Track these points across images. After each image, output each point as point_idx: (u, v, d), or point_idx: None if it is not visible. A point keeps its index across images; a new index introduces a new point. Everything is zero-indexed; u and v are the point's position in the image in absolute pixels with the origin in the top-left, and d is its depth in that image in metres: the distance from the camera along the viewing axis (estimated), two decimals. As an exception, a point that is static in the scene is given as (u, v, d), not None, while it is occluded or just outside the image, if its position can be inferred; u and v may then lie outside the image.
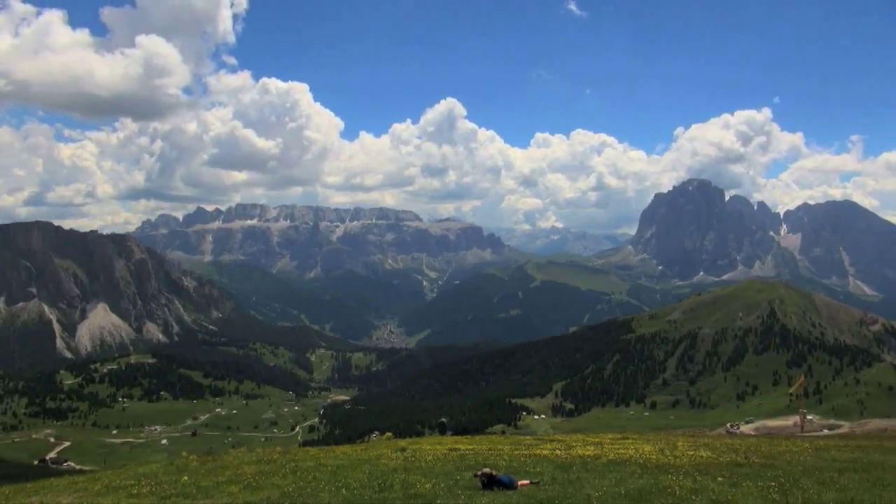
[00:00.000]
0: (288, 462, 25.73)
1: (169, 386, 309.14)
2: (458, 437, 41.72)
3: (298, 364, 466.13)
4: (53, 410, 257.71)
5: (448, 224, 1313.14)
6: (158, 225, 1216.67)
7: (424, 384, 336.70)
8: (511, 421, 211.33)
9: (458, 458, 26.31)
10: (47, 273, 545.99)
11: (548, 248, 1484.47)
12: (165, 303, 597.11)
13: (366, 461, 25.70)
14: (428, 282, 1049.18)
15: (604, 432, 43.45)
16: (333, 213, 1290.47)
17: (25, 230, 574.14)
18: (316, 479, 21.20)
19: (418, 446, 31.92)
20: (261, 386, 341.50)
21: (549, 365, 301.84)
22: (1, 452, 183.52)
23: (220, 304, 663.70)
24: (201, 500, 18.32)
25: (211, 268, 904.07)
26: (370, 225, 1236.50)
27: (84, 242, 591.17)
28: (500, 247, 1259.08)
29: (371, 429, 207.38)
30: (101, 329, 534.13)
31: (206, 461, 27.33)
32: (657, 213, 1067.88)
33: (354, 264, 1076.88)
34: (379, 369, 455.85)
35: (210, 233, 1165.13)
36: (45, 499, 19.76)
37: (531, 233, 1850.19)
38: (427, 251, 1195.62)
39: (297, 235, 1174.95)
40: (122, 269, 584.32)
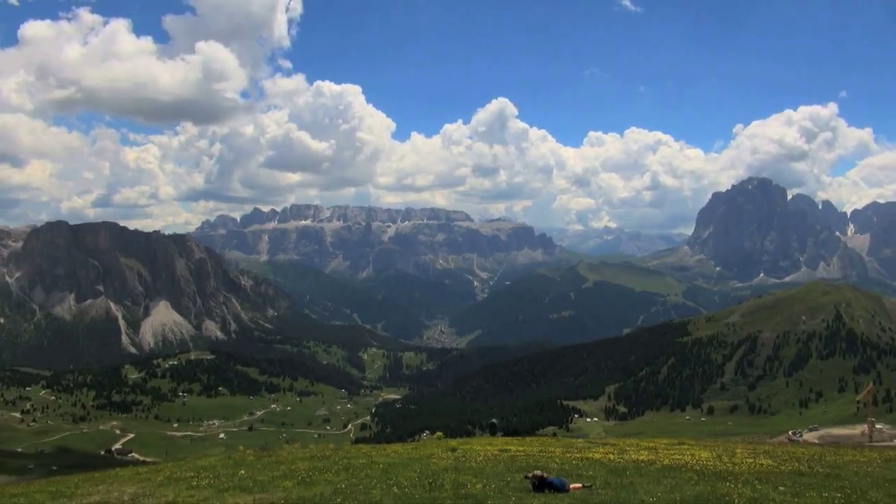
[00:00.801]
0: (340, 459, 26.11)
1: (226, 382, 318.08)
2: (509, 439, 41.50)
3: (351, 362, 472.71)
4: (119, 403, 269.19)
5: (499, 224, 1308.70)
6: (217, 225, 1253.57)
7: (475, 384, 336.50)
8: (562, 423, 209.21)
9: (508, 460, 26.18)
10: (114, 271, 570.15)
11: (601, 248, 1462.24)
12: (223, 301, 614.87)
13: (417, 460, 25.84)
14: (479, 282, 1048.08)
15: (658, 437, 42.47)
16: (385, 214, 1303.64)
17: (94, 230, 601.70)
18: (368, 476, 21.44)
19: (469, 446, 31.90)
20: (314, 383, 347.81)
21: (601, 367, 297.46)
22: (71, 442, 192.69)
23: (275, 302, 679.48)
24: (257, 493, 18.76)
25: (267, 267, 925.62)
26: (421, 225, 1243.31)
27: (147, 242, 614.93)
28: (551, 247, 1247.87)
29: (422, 428, 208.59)
30: (163, 326, 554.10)
31: (262, 456, 28.00)
32: (715, 212, 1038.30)
33: (406, 264, 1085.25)
34: (430, 369, 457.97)
35: (266, 233, 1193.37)
36: (111, 488, 20.58)
37: (583, 233, 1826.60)
38: (478, 251, 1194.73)
39: (349, 235, 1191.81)
40: (182, 268, 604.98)
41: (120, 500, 18.22)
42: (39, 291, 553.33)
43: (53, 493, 20.23)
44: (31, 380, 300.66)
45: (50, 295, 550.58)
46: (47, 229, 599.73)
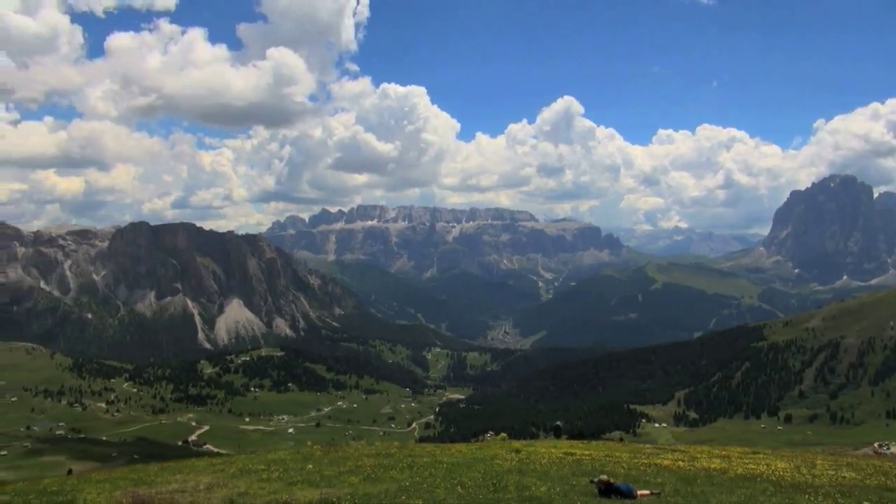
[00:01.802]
0: (405, 457, 26.34)
1: (295, 378, 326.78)
2: (574, 442, 40.86)
3: (415, 362, 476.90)
4: (195, 397, 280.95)
5: (564, 224, 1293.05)
6: (287, 226, 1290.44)
7: (539, 386, 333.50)
8: (629, 428, 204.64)
9: (573, 463, 25.78)
10: (190, 270, 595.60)
11: (670, 249, 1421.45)
12: (293, 300, 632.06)
13: (480, 460, 25.79)
14: (543, 283, 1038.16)
15: (731, 445, 40.90)
16: (449, 214, 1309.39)
17: (172, 231, 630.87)
18: (432, 475, 21.55)
19: (533, 448, 31.60)
20: (379, 382, 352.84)
21: (670, 371, 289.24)
22: (150, 433, 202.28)
23: (342, 301, 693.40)
24: (324, 488, 19.14)
25: (334, 267, 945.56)
26: (485, 225, 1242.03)
27: (222, 242, 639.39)
28: (618, 247, 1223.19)
29: (485, 428, 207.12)
30: (236, 323, 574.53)
31: (329, 451, 28.57)
32: (794, 211, 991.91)
33: (470, 264, 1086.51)
34: (493, 369, 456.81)
35: (333, 233, 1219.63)
36: (188, 477, 21.46)
37: (652, 233, 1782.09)
38: (543, 252, 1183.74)
39: (414, 236, 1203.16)
40: (254, 267, 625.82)
41: (196, 490, 18.96)
42: (123, 289, 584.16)
43: (135, 480, 21.27)
44: (115, 372, 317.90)
45: (132, 292, 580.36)
46: (130, 230, 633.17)
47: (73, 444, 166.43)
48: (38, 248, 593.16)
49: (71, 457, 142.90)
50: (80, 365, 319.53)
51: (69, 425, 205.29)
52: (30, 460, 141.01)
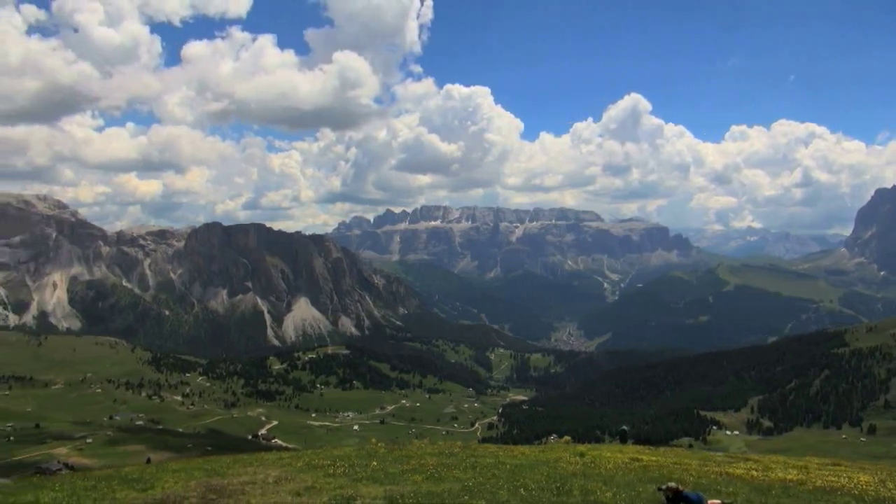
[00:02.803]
0: (468, 457, 26.35)
1: (360, 376, 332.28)
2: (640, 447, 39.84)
3: (478, 362, 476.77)
4: (264, 392, 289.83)
5: (631, 224, 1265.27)
6: (352, 226, 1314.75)
7: (604, 389, 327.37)
8: (699, 435, 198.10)
9: (640, 469, 25.15)
10: (260, 269, 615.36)
11: (743, 249, 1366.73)
12: (358, 299, 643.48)
13: (544, 463, 25.52)
14: (609, 284, 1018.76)
15: (809, 456, 38.97)
16: (513, 214, 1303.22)
17: (244, 231, 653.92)
18: (495, 476, 21.46)
19: (598, 453, 31.02)
20: (442, 381, 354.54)
21: (743, 377, 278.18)
22: (222, 426, 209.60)
23: (406, 301, 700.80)
24: (388, 485, 19.36)
25: (398, 266, 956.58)
26: (549, 226, 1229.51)
27: (290, 242, 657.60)
28: (687, 248, 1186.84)
29: (549, 431, 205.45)
30: (304, 321, 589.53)
31: (393, 449, 28.89)
32: (879, 210, 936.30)
33: (533, 265, 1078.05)
34: (557, 371, 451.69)
35: (397, 233, 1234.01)
36: (258, 470, 22.14)
37: (724, 233, 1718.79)
38: (608, 252, 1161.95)
39: (477, 236, 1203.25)
40: (321, 266, 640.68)
41: (265, 482, 19.53)
42: (198, 287, 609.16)
43: (208, 470, 22.09)
44: (190, 367, 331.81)
45: (206, 290, 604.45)
46: (204, 230, 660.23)
47: (151, 435, 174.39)
48: (121, 248, 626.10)
49: (149, 446, 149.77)
50: (158, 359, 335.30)
51: (148, 416, 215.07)
52: (112, 448, 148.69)
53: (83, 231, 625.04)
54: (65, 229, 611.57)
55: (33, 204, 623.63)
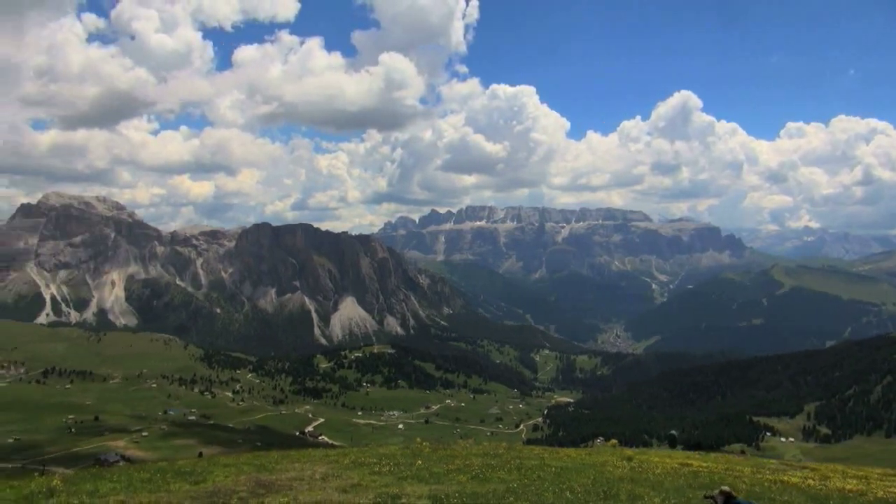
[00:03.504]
0: (513, 458, 26.21)
1: (405, 375, 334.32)
2: (690, 453, 38.92)
3: (523, 363, 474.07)
4: (311, 389, 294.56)
5: (681, 224, 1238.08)
6: (398, 226, 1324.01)
7: (652, 392, 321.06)
8: (752, 441, 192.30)
9: (690, 475, 24.57)
10: (308, 269, 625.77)
11: (799, 250, 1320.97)
12: (403, 298, 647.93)
13: (590, 466, 25.20)
14: (657, 285, 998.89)
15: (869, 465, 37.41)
16: (559, 214, 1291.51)
17: (292, 231, 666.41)
18: (540, 478, 21.28)
19: (646, 457, 30.47)
20: (487, 382, 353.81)
21: (799, 382, 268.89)
22: (271, 422, 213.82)
23: (450, 301, 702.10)
24: (433, 484, 19.40)
25: (443, 267, 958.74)
26: (596, 226, 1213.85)
27: (337, 242, 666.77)
28: (740, 249, 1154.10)
29: (595, 434, 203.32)
30: (350, 320, 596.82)
31: (438, 449, 28.96)
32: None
33: (579, 265, 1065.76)
34: (604, 373, 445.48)
35: (442, 233, 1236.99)
36: (305, 466, 22.50)
37: (779, 234, 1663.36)
38: (657, 253, 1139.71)
39: (522, 236, 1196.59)
40: (367, 266, 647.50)
41: (312, 479, 19.82)
42: (248, 286, 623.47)
43: (258, 465, 22.57)
44: (240, 364, 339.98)
45: (256, 289, 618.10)
46: (254, 230, 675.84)
47: (202, 430, 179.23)
48: (175, 248, 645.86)
49: (200, 441, 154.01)
50: (209, 356, 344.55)
51: (200, 411, 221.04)
52: (166, 442, 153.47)
53: (139, 231, 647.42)
54: (122, 230, 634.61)
55: (93, 205, 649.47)
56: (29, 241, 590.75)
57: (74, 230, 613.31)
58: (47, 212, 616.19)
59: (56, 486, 17.34)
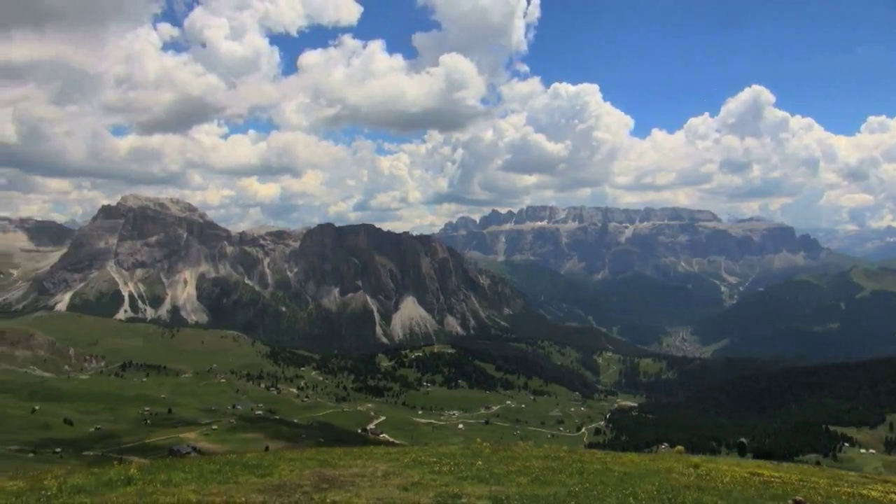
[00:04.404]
0: (574, 462, 25.83)
1: (465, 375, 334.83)
2: (761, 462, 37.39)
3: (584, 365, 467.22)
4: (373, 388, 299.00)
5: (751, 224, 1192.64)
6: (458, 227, 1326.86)
7: (720, 398, 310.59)
8: (828, 451, 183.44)
9: (761, 485, 23.60)
10: (370, 269, 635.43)
11: (882, 252, 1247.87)
12: (463, 298, 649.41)
13: (655, 472, 24.55)
14: (726, 287, 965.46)
15: (960, 481, 34.99)
16: (622, 214, 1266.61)
17: (354, 232, 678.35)
18: (602, 483, 20.88)
19: (714, 465, 29.47)
20: (548, 383, 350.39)
21: (880, 391, 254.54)
22: (333, 419, 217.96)
23: (511, 301, 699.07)
24: (493, 485, 19.33)
25: (503, 267, 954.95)
26: (661, 226, 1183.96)
27: (398, 242, 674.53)
28: (816, 250, 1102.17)
29: (659, 439, 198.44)
30: (410, 320, 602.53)
31: (498, 450, 28.84)
32: None
33: (644, 266, 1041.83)
34: (669, 377, 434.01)
35: (503, 234, 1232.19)
36: (367, 463, 22.82)
37: (859, 234, 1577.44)
38: (726, 254, 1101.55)
39: (584, 237, 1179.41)
40: (427, 266, 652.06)
41: (374, 476, 20.09)
42: (312, 285, 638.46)
43: (321, 461, 23.04)
44: (304, 361, 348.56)
45: (320, 288, 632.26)
46: (318, 231, 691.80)
47: (268, 424, 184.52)
48: (243, 248, 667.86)
49: (266, 435, 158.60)
50: (275, 353, 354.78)
51: (266, 406, 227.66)
52: (233, 435, 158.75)
53: (210, 232, 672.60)
54: (194, 230, 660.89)
55: (168, 207, 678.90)
56: (109, 242, 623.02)
57: (150, 231, 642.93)
58: (126, 213, 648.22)
59: (133, 475, 18.19)
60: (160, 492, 16.22)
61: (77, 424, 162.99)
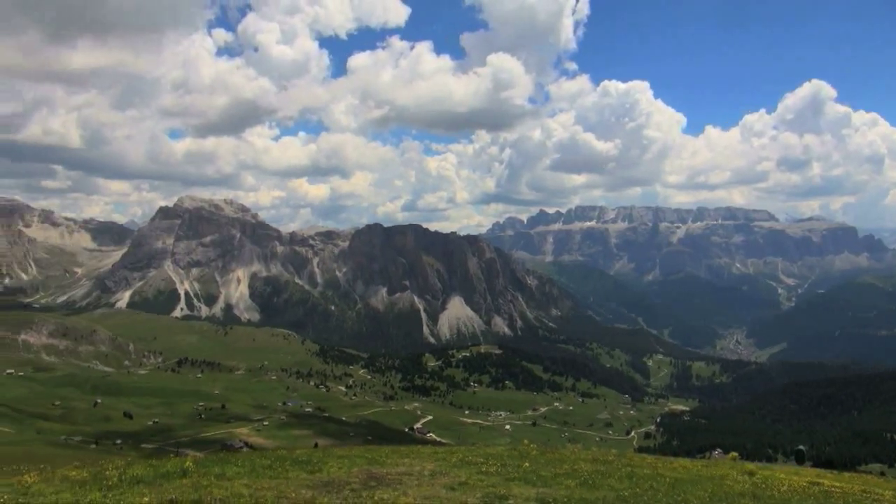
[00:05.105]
0: (623, 466, 25.41)
1: (512, 376, 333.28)
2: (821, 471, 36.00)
3: (634, 367, 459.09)
4: (420, 387, 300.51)
5: (811, 224, 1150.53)
6: (505, 227, 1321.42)
7: (777, 404, 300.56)
8: (894, 462, 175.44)
9: (821, 495, 22.73)
10: (417, 269, 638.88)
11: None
12: (511, 299, 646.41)
13: (708, 479, 23.93)
14: (784, 289, 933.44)
15: None
16: (674, 214, 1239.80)
17: (402, 232, 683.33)
18: (653, 488, 20.47)
19: (770, 473, 28.53)
20: (596, 386, 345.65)
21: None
22: (381, 418, 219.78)
23: (559, 302, 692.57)
24: (541, 487, 19.18)
25: (551, 267, 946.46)
26: (715, 226, 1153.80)
27: (445, 243, 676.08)
28: (881, 251, 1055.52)
29: (712, 445, 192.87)
30: (458, 320, 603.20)
31: (546, 452, 28.62)
32: None
33: (696, 267, 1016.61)
34: (723, 382, 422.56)
35: (551, 234, 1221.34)
36: (414, 462, 22.95)
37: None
38: (783, 255, 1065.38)
39: (635, 237, 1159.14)
40: (475, 267, 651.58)
41: (421, 475, 20.18)
42: (360, 284, 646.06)
43: (369, 459, 23.29)
44: (353, 360, 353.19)
45: (368, 288, 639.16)
46: (366, 231, 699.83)
47: (317, 422, 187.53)
48: (293, 247, 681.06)
49: (316, 432, 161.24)
50: (324, 351, 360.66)
51: (315, 404, 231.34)
52: (283, 431, 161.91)
53: (262, 232, 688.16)
54: (247, 230, 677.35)
55: (222, 207, 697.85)
56: (166, 241, 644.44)
57: (205, 231, 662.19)
58: (182, 214, 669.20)
59: (188, 468, 18.76)
60: (214, 485, 16.66)
61: (136, 418, 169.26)
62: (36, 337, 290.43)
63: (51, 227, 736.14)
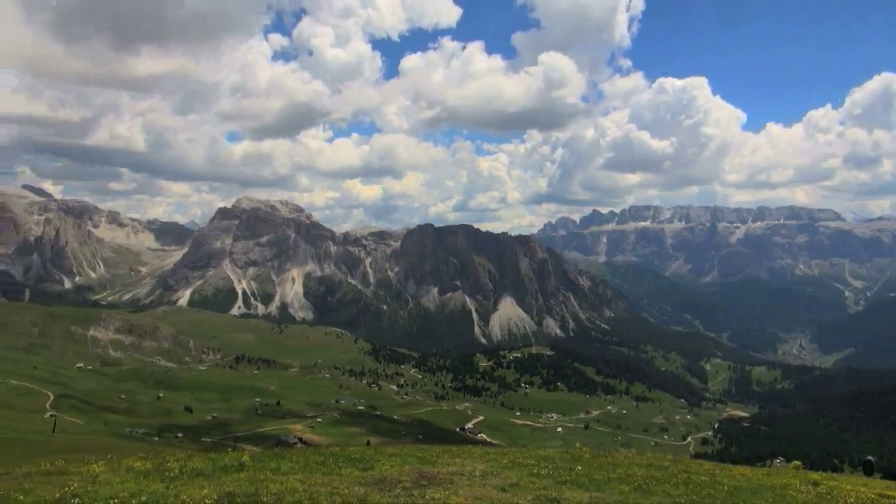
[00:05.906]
0: (679, 472, 24.77)
1: (564, 378, 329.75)
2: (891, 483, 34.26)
3: (691, 371, 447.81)
4: (471, 387, 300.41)
5: (880, 224, 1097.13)
6: (558, 227, 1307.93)
7: (843, 412, 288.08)
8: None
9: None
10: (468, 269, 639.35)
11: None
12: (563, 300, 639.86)
13: (768, 488, 23.09)
14: (851, 292, 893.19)
15: None
16: (733, 214, 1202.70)
17: (454, 232, 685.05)
18: (710, 496, 19.88)
19: (835, 483, 27.32)
20: (651, 389, 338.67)
21: None
22: (431, 417, 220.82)
23: (612, 303, 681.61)
24: (593, 492, 18.88)
25: (604, 268, 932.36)
26: (777, 226, 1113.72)
27: (496, 243, 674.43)
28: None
29: (773, 453, 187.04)
30: (509, 320, 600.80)
31: (598, 455, 28.16)
32: None
33: (757, 269, 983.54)
34: (785, 388, 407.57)
35: (604, 234, 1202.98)
36: (465, 462, 22.93)
37: None
38: (851, 256, 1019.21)
39: (691, 237, 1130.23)
40: (526, 267, 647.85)
41: (472, 475, 20.16)
42: (412, 284, 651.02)
43: (421, 458, 23.40)
44: (404, 359, 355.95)
45: (419, 288, 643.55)
46: (418, 231, 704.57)
47: (369, 419, 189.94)
48: (346, 248, 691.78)
49: (368, 430, 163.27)
50: (377, 351, 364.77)
51: (367, 402, 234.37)
52: (336, 428, 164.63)
53: (316, 232, 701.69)
54: (301, 230, 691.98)
55: (277, 208, 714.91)
56: (225, 242, 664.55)
57: (261, 231, 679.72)
58: (240, 214, 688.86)
59: (245, 462, 19.30)
60: (270, 479, 17.07)
61: (195, 412, 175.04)
62: (103, 333, 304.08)
63: (117, 228, 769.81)
